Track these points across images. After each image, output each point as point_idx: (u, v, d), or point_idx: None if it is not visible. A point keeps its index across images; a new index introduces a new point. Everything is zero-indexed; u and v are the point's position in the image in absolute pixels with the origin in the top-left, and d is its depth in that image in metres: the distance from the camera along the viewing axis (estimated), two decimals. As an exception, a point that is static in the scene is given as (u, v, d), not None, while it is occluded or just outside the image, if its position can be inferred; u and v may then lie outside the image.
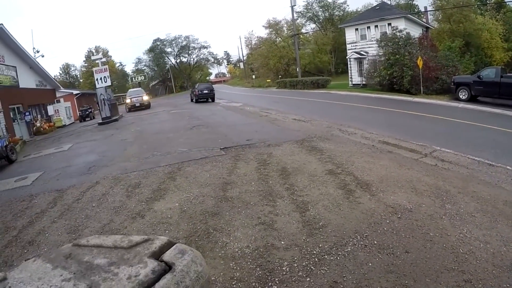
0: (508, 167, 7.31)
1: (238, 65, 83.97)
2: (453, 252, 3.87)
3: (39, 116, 23.41)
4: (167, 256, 1.61)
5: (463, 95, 19.10)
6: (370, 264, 3.65)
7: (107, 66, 22.46)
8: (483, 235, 4.26)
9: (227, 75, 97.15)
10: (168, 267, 1.53)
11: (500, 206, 5.19)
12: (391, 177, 6.26)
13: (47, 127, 21.89)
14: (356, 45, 30.02)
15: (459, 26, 29.85)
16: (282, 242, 4.14)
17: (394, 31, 25.35)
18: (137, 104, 27.82)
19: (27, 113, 21.02)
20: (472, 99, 18.67)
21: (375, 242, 4.05)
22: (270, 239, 4.23)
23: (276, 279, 3.49)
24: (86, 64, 67.29)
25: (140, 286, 1.41)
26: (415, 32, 28.13)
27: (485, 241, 4.11)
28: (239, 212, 5.07)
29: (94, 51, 65.41)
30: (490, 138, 10.30)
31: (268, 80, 46.74)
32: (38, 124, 21.51)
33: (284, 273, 3.58)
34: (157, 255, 1.62)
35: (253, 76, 55.39)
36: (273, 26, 52.65)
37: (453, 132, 11.30)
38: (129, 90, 34.38)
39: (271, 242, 4.17)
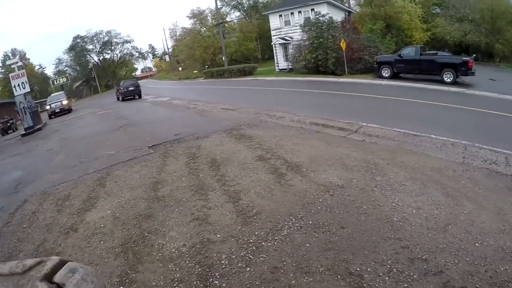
0: (432, 135, 7.83)
1: (164, 58, 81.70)
2: (387, 221, 4.06)
3: None
4: (58, 277, 1.52)
5: (385, 73, 20.33)
6: (307, 245, 3.73)
7: (24, 71, 20.48)
8: (414, 201, 4.53)
9: (154, 69, 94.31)
10: None
11: (428, 172, 5.59)
12: (320, 157, 6.45)
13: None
14: (281, 31, 30.41)
15: (380, 9, 31.63)
16: (218, 235, 4.13)
17: (317, 16, 25.89)
18: (57, 110, 26.57)
19: None
20: (394, 76, 19.98)
21: (310, 222, 4.15)
22: (205, 234, 4.20)
23: (217, 273, 3.46)
24: (2, 70, 60.87)
25: None
26: (338, 16, 29.09)
27: (417, 207, 4.38)
28: (172, 210, 4.98)
29: (10, 54, 59.88)
30: (414, 110, 11.01)
31: (195, 71, 45.92)
32: None
33: (223, 266, 3.56)
34: (49, 277, 1.53)
35: (180, 68, 53.98)
36: (197, 15, 52.35)
37: (378, 107, 11.92)
38: (51, 95, 32.20)
39: (207, 236, 4.14)
